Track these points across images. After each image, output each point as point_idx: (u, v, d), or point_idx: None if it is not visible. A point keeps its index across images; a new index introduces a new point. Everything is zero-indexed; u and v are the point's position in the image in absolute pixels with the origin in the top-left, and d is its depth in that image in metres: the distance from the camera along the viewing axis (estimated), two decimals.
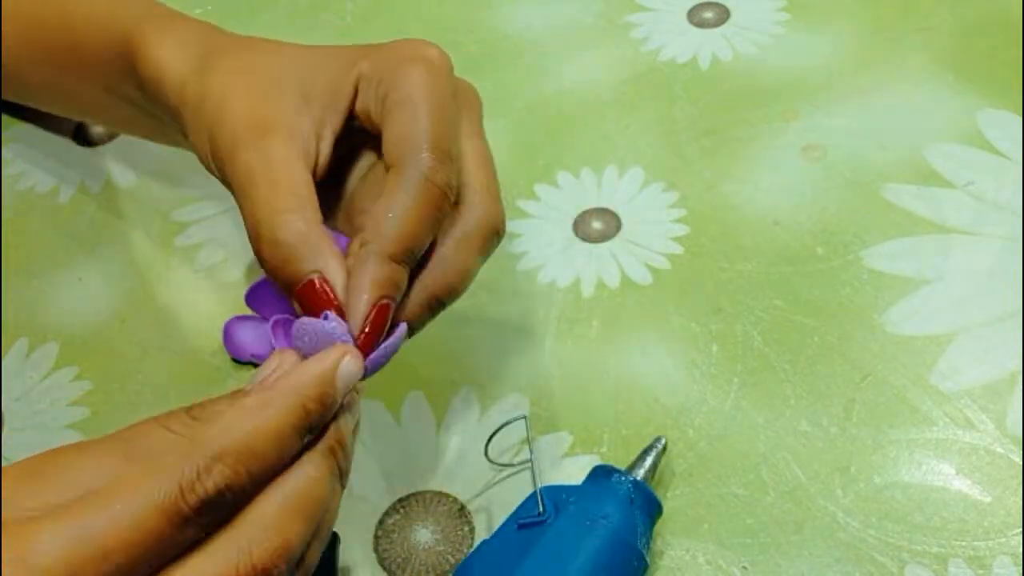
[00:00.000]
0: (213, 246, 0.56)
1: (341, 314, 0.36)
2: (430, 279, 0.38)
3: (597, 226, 0.56)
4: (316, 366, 0.33)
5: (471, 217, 0.39)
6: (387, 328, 0.36)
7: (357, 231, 0.38)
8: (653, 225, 0.55)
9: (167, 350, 0.52)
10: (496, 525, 0.44)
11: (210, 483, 0.30)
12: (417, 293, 0.38)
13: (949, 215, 0.54)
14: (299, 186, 0.37)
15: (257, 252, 0.37)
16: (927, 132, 0.58)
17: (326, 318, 0.35)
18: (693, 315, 0.51)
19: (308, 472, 0.32)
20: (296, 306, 0.37)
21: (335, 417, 0.34)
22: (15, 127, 0.63)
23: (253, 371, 0.51)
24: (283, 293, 0.37)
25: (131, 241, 0.57)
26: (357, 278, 0.36)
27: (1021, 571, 0.42)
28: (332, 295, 0.36)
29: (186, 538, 0.30)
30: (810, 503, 0.45)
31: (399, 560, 0.45)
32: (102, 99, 0.49)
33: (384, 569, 0.45)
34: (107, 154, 0.62)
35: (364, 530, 0.45)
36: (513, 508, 0.43)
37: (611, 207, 0.56)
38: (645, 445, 0.45)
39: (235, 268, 0.55)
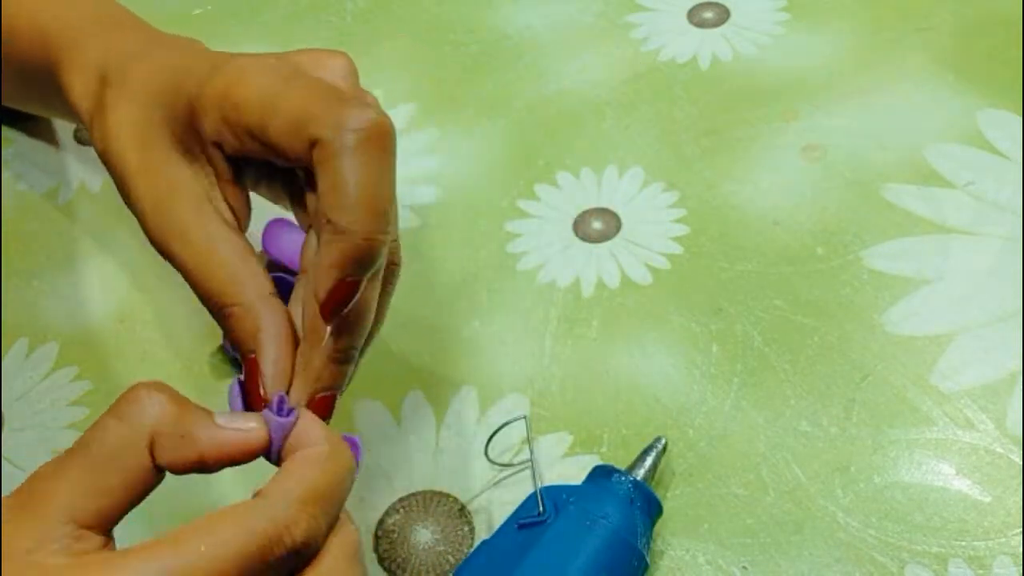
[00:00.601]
0: None
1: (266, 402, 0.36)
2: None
3: (597, 226, 0.56)
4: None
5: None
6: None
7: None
8: (653, 225, 0.55)
9: (167, 350, 0.52)
10: (496, 525, 0.44)
11: (298, 533, 0.31)
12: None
13: (949, 215, 0.54)
14: (226, 266, 0.37)
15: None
16: (927, 132, 0.58)
17: (280, 407, 0.35)
18: (693, 315, 0.51)
19: (352, 523, 0.33)
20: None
21: None
22: (17, 127, 0.63)
23: None
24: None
25: (131, 241, 0.57)
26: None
27: (1021, 571, 0.42)
28: (260, 382, 0.36)
29: None
30: (810, 503, 0.45)
31: (399, 560, 0.45)
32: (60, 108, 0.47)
33: (384, 569, 0.45)
34: None
35: (364, 530, 0.45)
36: (513, 508, 0.43)
37: (611, 207, 0.56)
38: (645, 445, 0.45)
39: None
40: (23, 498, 0.31)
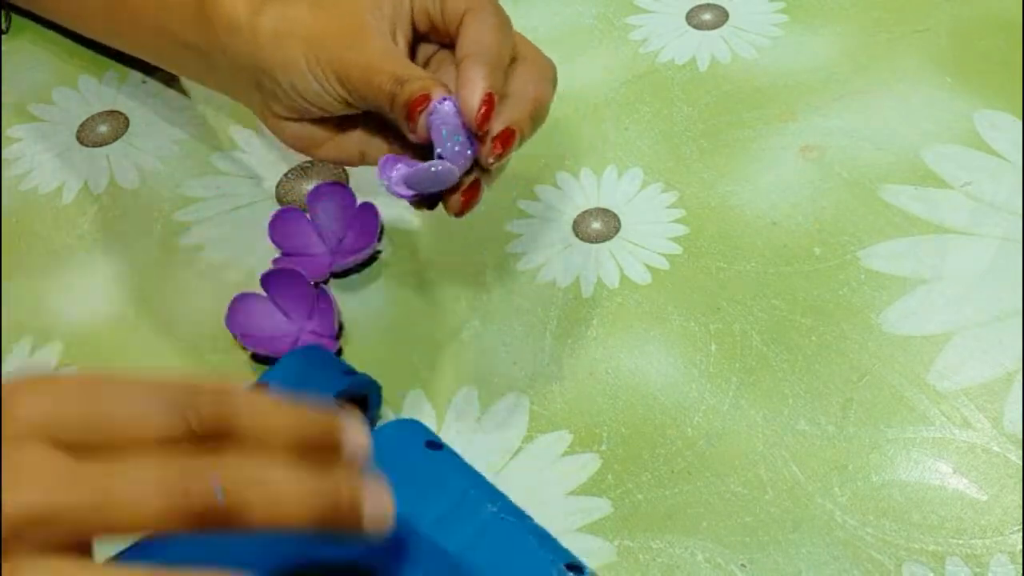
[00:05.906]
0: (215, 246, 0.57)
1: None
2: (521, 101, 0.44)
3: (596, 226, 0.56)
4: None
5: (541, 67, 0.47)
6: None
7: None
8: (652, 225, 0.56)
9: (170, 350, 0.53)
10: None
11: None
12: (521, 105, 0.44)
13: (946, 215, 0.54)
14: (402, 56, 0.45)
15: (380, 96, 0.43)
16: (924, 133, 0.58)
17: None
18: (692, 315, 0.52)
19: None
20: (408, 126, 0.43)
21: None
22: (19, 126, 0.64)
23: (256, 367, 0.51)
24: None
25: (134, 241, 0.58)
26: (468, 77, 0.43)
27: (1019, 569, 0.43)
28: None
29: None
30: (808, 501, 0.45)
31: None
32: (151, 38, 0.53)
33: None
34: (111, 154, 0.62)
35: None
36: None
37: (610, 207, 0.57)
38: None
39: (237, 268, 0.56)
40: None
